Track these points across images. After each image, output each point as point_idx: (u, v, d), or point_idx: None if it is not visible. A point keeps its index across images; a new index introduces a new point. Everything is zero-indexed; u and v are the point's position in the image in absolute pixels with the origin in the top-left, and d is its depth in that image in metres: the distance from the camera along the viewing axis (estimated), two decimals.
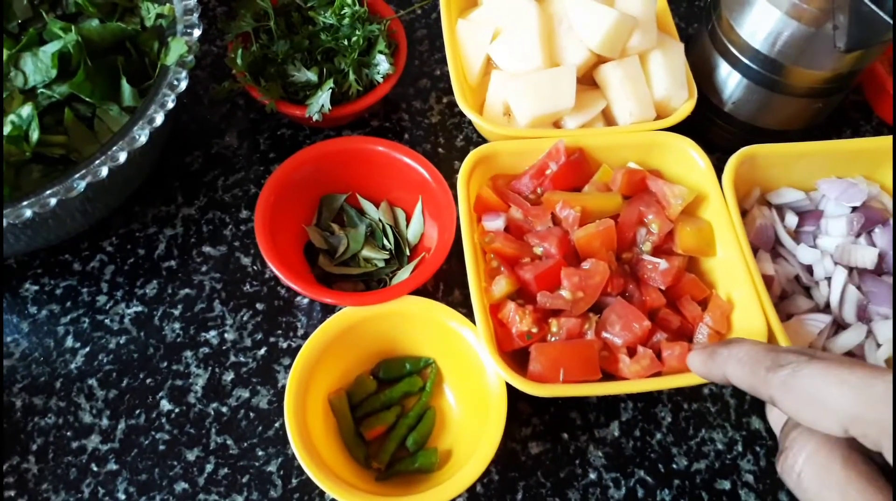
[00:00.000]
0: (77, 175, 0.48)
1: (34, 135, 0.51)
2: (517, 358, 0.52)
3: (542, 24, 0.61)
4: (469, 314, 0.53)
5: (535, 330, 0.51)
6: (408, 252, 0.61)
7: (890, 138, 0.61)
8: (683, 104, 0.62)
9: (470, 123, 0.70)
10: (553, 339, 0.52)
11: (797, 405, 0.27)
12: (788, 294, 0.58)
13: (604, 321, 0.52)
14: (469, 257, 0.53)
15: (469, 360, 0.53)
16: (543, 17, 0.61)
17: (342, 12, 0.62)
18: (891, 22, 0.53)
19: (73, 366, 0.55)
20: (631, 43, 0.61)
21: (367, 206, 0.62)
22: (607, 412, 0.57)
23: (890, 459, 0.25)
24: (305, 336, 0.58)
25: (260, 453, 0.53)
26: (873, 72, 0.72)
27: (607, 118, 0.63)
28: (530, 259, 0.55)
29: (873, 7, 0.53)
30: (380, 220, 0.61)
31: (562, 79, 0.59)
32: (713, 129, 0.69)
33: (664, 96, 0.62)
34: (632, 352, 0.52)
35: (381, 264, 0.60)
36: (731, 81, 0.65)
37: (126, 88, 0.55)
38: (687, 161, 0.59)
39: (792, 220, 0.61)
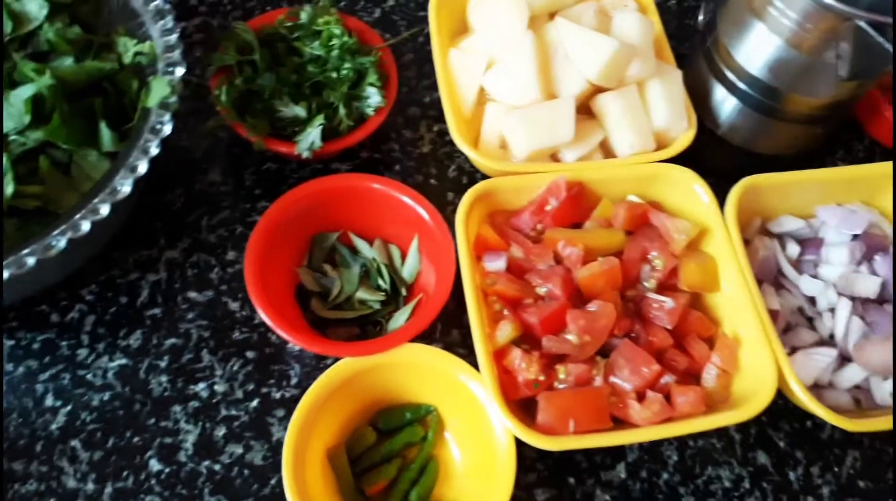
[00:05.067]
0: (56, 232, 0.45)
1: (9, 188, 0.47)
2: (523, 404, 0.51)
3: (539, 54, 0.59)
4: (468, 355, 0.51)
5: (542, 378, 0.49)
6: (404, 292, 0.58)
7: (888, 164, 0.60)
8: (683, 134, 0.60)
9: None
10: (561, 386, 0.50)
11: None
12: (792, 326, 0.57)
13: (611, 365, 0.51)
14: (471, 302, 0.51)
15: (472, 407, 0.51)
16: (539, 46, 0.59)
17: (330, 43, 0.60)
18: (891, 51, 0.52)
19: (53, 427, 0.52)
20: (629, 72, 0.59)
21: (361, 244, 0.60)
22: (613, 454, 0.56)
23: None
24: (299, 386, 0.56)
25: None
26: (867, 92, 0.72)
27: (605, 149, 0.61)
28: (533, 300, 0.53)
29: (876, 36, 0.52)
30: (374, 259, 0.59)
31: (560, 112, 0.57)
32: (704, 152, 0.67)
33: (664, 127, 0.60)
34: (641, 396, 0.50)
35: (377, 306, 0.57)
36: (726, 105, 0.64)
37: (105, 132, 0.51)
38: (689, 194, 0.57)
39: (793, 249, 0.60)
